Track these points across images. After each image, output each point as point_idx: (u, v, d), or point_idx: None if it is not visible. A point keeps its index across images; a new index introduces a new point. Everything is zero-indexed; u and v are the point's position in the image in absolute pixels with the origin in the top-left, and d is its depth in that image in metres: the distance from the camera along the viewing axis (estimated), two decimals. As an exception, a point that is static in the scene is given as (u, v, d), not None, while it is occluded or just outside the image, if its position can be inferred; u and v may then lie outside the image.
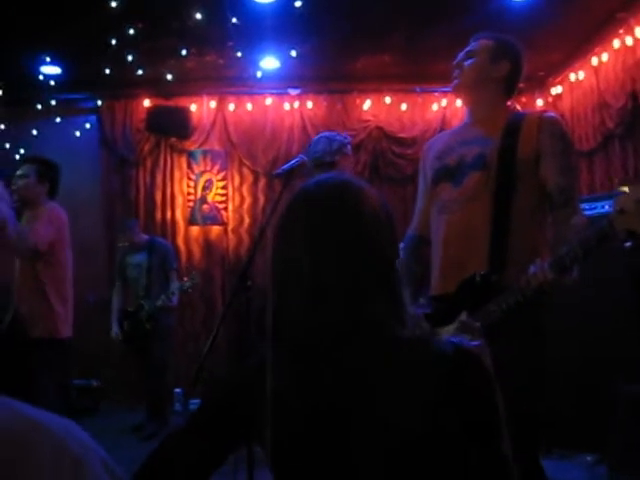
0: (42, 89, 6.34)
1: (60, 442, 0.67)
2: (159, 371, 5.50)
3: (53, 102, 6.67)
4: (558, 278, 1.94)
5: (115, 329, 5.59)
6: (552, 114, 2.35)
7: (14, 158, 4.13)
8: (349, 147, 3.43)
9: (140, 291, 5.63)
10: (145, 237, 5.84)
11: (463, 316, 2.16)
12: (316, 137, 3.51)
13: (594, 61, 5.79)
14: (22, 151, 6.40)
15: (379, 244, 1.16)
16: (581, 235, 1.93)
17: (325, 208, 1.16)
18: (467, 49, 2.43)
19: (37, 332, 3.74)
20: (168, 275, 5.70)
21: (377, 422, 1.06)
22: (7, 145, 6.29)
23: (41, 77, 6.19)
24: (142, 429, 5.34)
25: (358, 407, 1.08)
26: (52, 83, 6.31)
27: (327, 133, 3.58)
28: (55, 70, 6.16)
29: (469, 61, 2.39)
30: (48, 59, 5.90)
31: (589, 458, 3.99)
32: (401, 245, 2.81)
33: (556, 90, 6.63)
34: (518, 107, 6.67)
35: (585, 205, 4.11)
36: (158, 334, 5.48)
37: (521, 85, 7.18)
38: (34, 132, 6.74)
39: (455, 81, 2.44)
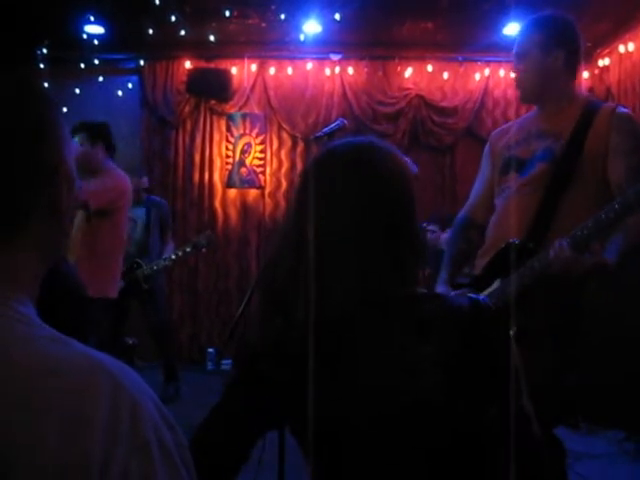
0: (85, 48, 6.38)
1: (118, 382, 0.71)
2: (165, 334, 5.46)
3: (96, 61, 6.73)
4: (577, 256, 1.92)
5: None
6: (625, 110, 2.27)
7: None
8: None
9: (132, 248, 5.19)
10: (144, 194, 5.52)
11: (496, 284, 2.17)
12: None
13: (645, 33, 5.63)
14: (65, 109, 6.48)
15: (397, 206, 1.16)
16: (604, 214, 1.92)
17: (344, 167, 1.16)
18: (515, 50, 2.34)
19: (90, 291, 3.82)
20: (165, 234, 5.53)
21: (395, 377, 1.07)
22: (50, 103, 6.37)
23: (85, 36, 6.23)
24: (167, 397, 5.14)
25: (378, 364, 1.09)
26: (95, 42, 6.34)
27: None
28: (99, 30, 6.18)
29: (522, 66, 2.32)
30: (92, 18, 5.92)
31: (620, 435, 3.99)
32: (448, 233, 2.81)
33: (603, 62, 6.46)
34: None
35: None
36: (155, 296, 5.28)
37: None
38: (77, 91, 6.82)
39: (519, 93, 2.39)
